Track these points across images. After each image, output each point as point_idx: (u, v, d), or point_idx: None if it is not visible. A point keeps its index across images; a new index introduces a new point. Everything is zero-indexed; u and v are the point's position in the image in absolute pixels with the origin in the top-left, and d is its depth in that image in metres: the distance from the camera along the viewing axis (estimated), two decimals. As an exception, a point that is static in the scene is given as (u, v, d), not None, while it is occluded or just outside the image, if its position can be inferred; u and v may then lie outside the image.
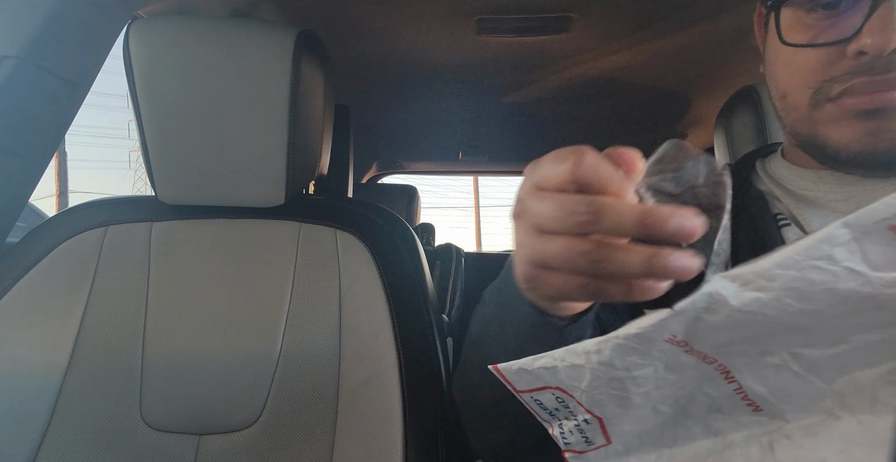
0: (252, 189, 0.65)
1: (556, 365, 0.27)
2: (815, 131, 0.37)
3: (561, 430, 0.30)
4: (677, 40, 0.99)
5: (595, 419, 0.29)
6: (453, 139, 1.75)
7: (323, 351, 0.62)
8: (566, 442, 0.31)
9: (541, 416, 0.31)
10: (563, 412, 0.30)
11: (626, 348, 0.25)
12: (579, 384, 0.27)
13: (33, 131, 0.66)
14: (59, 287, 0.64)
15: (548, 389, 0.29)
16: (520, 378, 0.29)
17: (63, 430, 0.59)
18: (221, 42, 0.61)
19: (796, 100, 0.38)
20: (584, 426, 0.29)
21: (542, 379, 0.28)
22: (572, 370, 0.27)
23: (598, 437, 0.29)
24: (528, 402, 0.30)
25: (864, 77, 0.33)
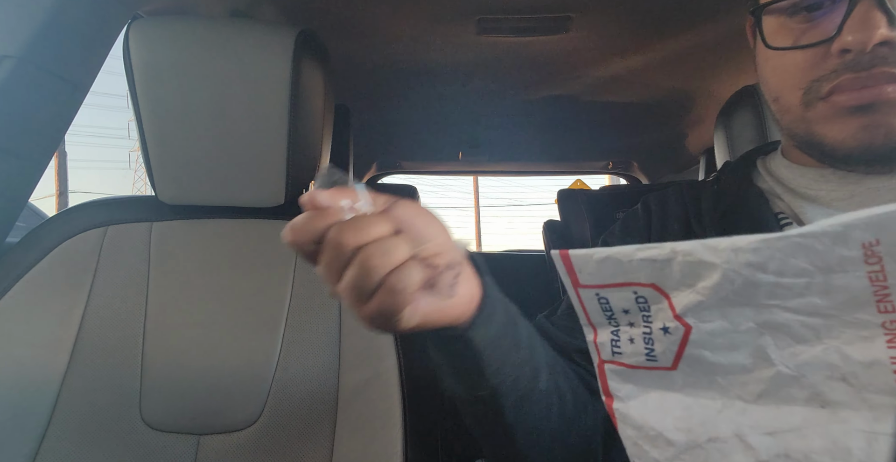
0: (252, 189, 0.65)
1: (673, 258, 0.24)
2: (811, 130, 0.37)
3: (615, 336, 0.27)
4: (677, 40, 0.99)
5: (682, 327, 0.24)
6: (453, 139, 1.75)
7: (323, 351, 0.62)
8: (616, 351, 0.27)
9: (591, 317, 0.27)
10: (632, 316, 0.26)
11: (801, 248, 0.21)
12: (693, 283, 0.23)
13: (33, 131, 0.66)
14: (58, 287, 0.64)
15: (632, 286, 0.25)
16: (598, 269, 0.25)
17: (63, 430, 0.59)
18: (221, 42, 0.61)
19: (788, 101, 0.38)
20: (657, 336, 0.25)
21: (635, 273, 0.25)
22: (693, 267, 0.23)
23: (668, 355, 0.25)
24: (585, 299, 0.27)
25: (850, 74, 0.34)
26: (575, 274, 0.26)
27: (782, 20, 0.37)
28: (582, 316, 0.28)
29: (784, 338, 0.23)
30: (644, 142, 1.73)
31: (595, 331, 0.28)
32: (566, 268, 0.26)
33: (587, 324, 0.28)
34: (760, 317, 0.23)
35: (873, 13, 0.32)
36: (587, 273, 0.26)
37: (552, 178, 4.09)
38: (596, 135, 1.68)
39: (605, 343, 0.28)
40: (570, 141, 1.75)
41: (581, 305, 0.27)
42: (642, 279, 0.25)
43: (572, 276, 0.26)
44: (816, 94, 0.36)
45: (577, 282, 0.27)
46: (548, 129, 1.63)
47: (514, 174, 2.27)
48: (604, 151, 1.88)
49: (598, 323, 0.28)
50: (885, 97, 0.33)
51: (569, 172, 2.29)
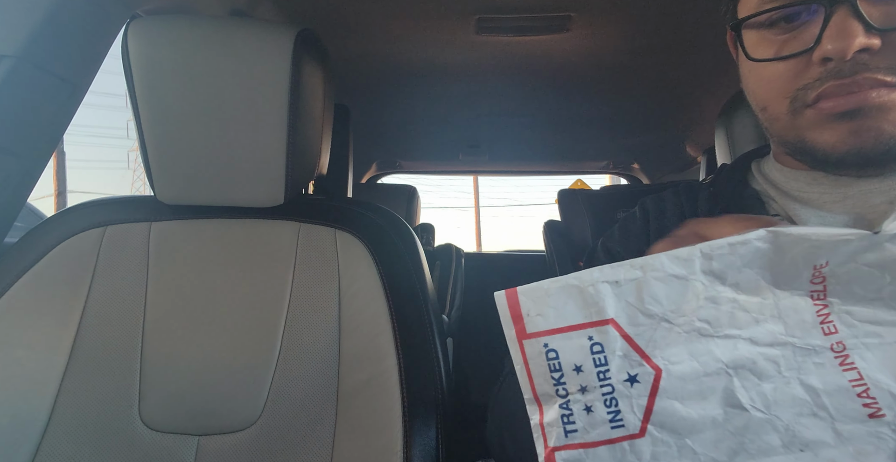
0: (251, 189, 0.65)
1: (639, 277, 0.21)
2: (802, 137, 0.38)
3: (566, 409, 0.23)
4: (677, 40, 0.99)
5: (652, 371, 0.22)
6: (453, 139, 1.75)
7: (322, 351, 0.62)
8: (569, 430, 0.23)
9: (535, 385, 0.23)
10: (585, 376, 0.22)
11: (758, 256, 0.20)
12: (656, 310, 0.21)
13: (32, 131, 0.66)
14: (57, 287, 0.63)
15: (587, 328, 0.22)
16: (552, 305, 0.22)
17: (62, 430, 0.59)
18: (221, 42, 0.61)
19: (776, 110, 0.39)
20: (621, 391, 0.22)
21: (595, 305, 0.22)
22: (660, 286, 0.21)
23: (636, 414, 0.22)
24: (530, 356, 0.23)
25: (835, 81, 0.34)
26: (521, 320, 0.22)
27: (762, 32, 0.38)
28: (526, 385, 0.23)
29: (749, 376, 0.22)
30: (644, 142, 1.73)
31: (540, 408, 0.23)
32: (510, 312, 0.23)
33: (531, 398, 0.24)
34: (726, 354, 0.22)
35: (849, 22, 0.33)
36: (536, 315, 0.22)
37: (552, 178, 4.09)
38: (596, 135, 1.68)
39: (555, 423, 0.23)
40: (570, 141, 1.75)
41: (525, 368, 0.23)
42: (601, 314, 0.22)
43: (517, 325, 0.23)
44: (803, 102, 0.36)
45: (522, 331, 0.23)
46: (548, 129, 1.63)
47: (514, 174, 2.26)
48: (604, 151, 1.88)
49: (545, 394, 0.23)
50: (871, 102, 0.33)
51: (569, 172, 2.29)
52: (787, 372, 0.21)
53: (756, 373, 0.21)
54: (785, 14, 0.36)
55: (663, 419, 0.22)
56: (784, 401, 0.21)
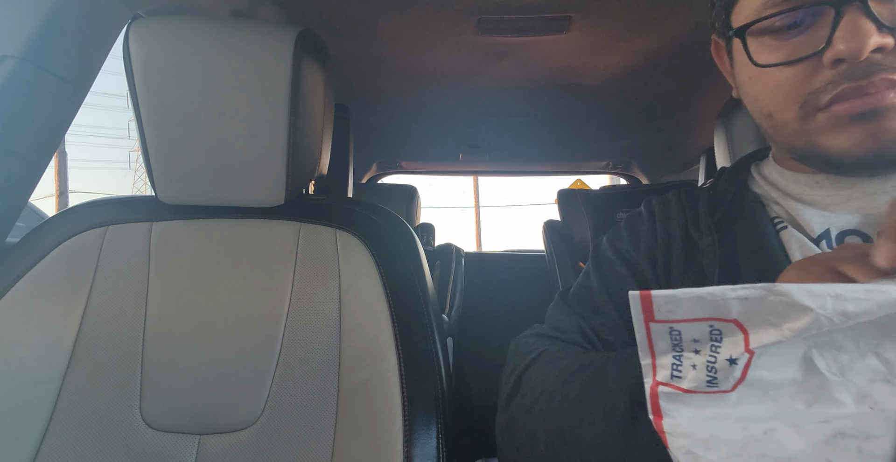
0: (252, 189, 0.65)
1: (766, 296, 0.23)
2: (813, 142, 0.37)
3: (676, 361, 0.26)
4: (677, 40, 0.99)
5: (748, 355, 0.25)
6: (453, 139, 1.75)
7: (323, 351, 0.62)
8: (675, 375, 0.27)
9: (655, 347, 0.27)
10: (700, 344, 0.26)
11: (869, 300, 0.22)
12: (779, 323, 0.23)
13: (33, 131, 0.66)
14: (59, 287, 0.64)
15: (713, 321, 0.25)
16: (682, 307, 0.25)
17: (63, 430, 0.59)
18: (221, 42, 0.61)
19: (784, 116, 0.38)
20: (721, 366, 0.25)
21: (722, 311, 0.24)
22: (785, 308, 0.23)
23: (730, 381, 0.25)
24: (655, 333, 0.26)
25: (849, 83, 0.33)
26: (651, 311, 0.26)
27: (764, 38, 0.37)
28: (644, 348, 0.27)
29: (827, 348, 0.24)
30: (644, 142, 1.73)
31: (654, 358, 0.27)
32: (643, 307, 0.26)
33: (647, 353, 0.27)
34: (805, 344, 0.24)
35: (862, 21, 0.32)
36: (666, 310, 0.25)
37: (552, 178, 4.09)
38: (596, 135, 1.68)
39: (665, 366, 0.27)
40: (570, 141, 1.75)
41: (647, 338, 0.27)
42: (727, 315, 0.25)
43: (647, 314, 0.26)
44: (814, 106, 0.35)
45: (651, 317, 0.26)
46: (548, 129, 1.63)
47: (514, 174, 2.26)
48: (604, 151, 1.88)
49: (661, 351, 0.27)
50: (889, 102, 0.33)
51: (569, 172, 2.29)
52: (864, 346, 0.23)
53: (835, 346, 0.24)
54: (791, 19, 0.35)
55: (752, 382, 0.25)
56: (859, 369, 0.23)
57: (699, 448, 0.26)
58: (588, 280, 0.51)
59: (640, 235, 0.49)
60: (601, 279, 0.49)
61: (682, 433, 0.26)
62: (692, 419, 0.26)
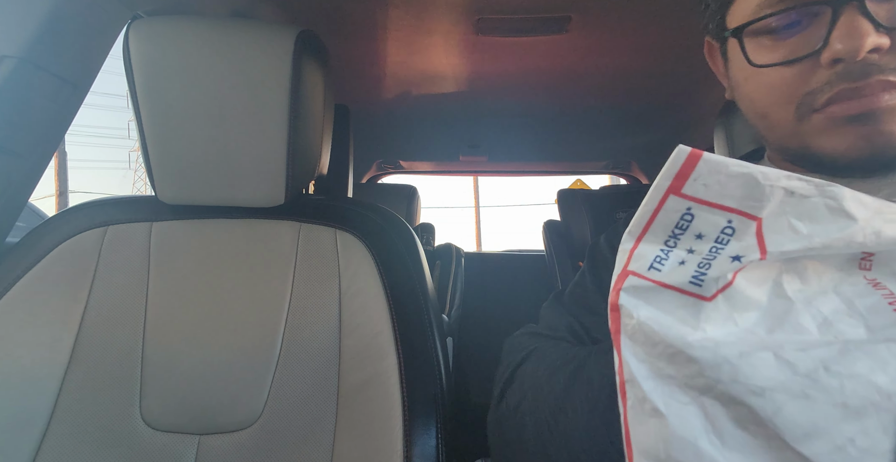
0: (252, 189, 0.65)
1: (812, 196, 0.22)
2: (806, 144, 0.36)
3: (662, 254, 0.24)
4: (677, 40, 0.99)
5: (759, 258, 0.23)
6: (453, 139, 1.75)
7: (323, 351, 0.62)
8: (654, 266, 0.24)
9: (650, 226, 0.24)
10: (701, 243, 0.24)
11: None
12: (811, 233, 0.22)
13: (33, 131, 0.66)
14: (58, 287, 0.64)
15: (734, 213, 0.23)
16: (721, 184, 0.23)
17: (63, 430, 0.59)
18: (221, 42, 0.61)
19: (779, 117, 0.37)
20: (720, 263, 0.23)
21: (759, 201, 0.23)
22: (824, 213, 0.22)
23: (717, 283, 0.24)
24: (666, 209, 0.24)
25: (846, 84, 0.33)
26: (685, 179, 0.23)
27: (759, 39, 0.37)
28: (640, 224, 0.24)
29: (795, 278, 0.24)
30: (644, 142, 1.73)
31: (637, 243, 0.25)
32: (680, 169, 0.23)
33: (636, 234, 0.25)
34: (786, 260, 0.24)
35: (859, 21, 0.32)
36: (702, 183, 0.23)
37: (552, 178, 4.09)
38: (596, 135, 1.68)
39: (644, 256, 0.24)
40: (570, 141, 1.75)
41: (653, 213, 0.24)
42: (756, 211, 0.23)
43: (677, 181, 0.23)
44: (810, 107, 0.35)
45: (678, 188, 0.23)
46: (547, 129, 1.63)
47: (514, 174, 2.26)
48: (604, 151, 1.88)
49: (654, 236, 0.24)
50: (884, 105, 0.32)
51: (569, 172, 2.29)
52: (826, 283, 0.23)
53: (801, 277, 0.23)
54: (788, 19, 0.35)
55: (733, 293, 0.24)
56: (822, 302, 0.23)
57: (661, 361, 0.23)
58: (583, 279, 0.51)
59: None
60: (596, 278, 0.50)
61: (642, 340, 0.24)
62: (654, 324, 0.23)
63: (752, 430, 0.22)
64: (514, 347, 0.49)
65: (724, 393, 0.22)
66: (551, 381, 0.38)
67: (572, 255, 1.61)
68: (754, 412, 0.22)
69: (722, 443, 0.22)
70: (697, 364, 0.23)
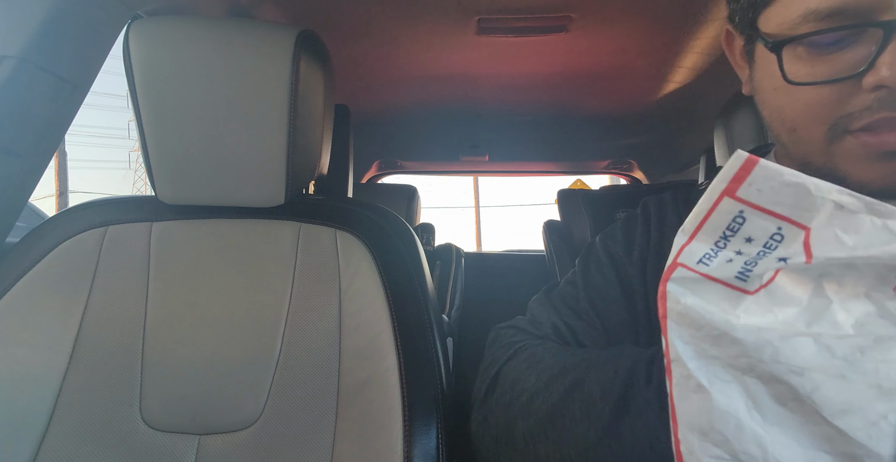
0: (252, 189, 0.65)
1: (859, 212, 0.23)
2: (834, 165, 0.34)
3: (712, 252, 0.25)
4: (676, 40, 0.99)
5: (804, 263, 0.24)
6: (453, 139, 1.75)
7: (323, 351, 0.62)
8: (702, 262, 0.25)
9: (703, 228, 0.25)
10: (750, 246, 0.25)
11: None
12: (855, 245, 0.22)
13: (33, 131, 0.66)
14: (58, 287, 0.64)
15: (784, 221, 0.24)
16: (774, 191, 0.23)
17: (63, 430, 0.59)
18: (221, 42, 0.61)
19: (811, 134, 0.35)
20: (762, 264, 0.24)
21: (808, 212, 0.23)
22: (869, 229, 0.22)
23: (761, 279, 0.25)
24: (720, 211, 0.25)
25: (887, 112, 0.31)
26: (740, 182, 0.24)
27: (798, 48, 0.34)
28: (693, 223, 0.25)
29: (834, 283, 0.24)
30: (644, 142, 1.73)
31: (690, 240, 0.26)
32: (736, 173, 0.24)
33: (689, 231, 0.26)
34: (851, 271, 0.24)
35: None
36: (756, 189, 0.24)
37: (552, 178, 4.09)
38: (596, 135, 1.68)
39: (694, 251, 0.25)
40: (570, 141, 1.75)
41: (707, 213, 0.25)
42: (806, 220, 0.23)
43: (733, 184, 0.24)
44: (844, 129, 0.33)
45: (732, 190, 0.24)
46: (548, 129, 1.63)
47: (514, 174, 2.26)
48: (604, 151, 1.88)
49: (706, 235, 0.25)
50: None
51: (569, 172, 2.29)
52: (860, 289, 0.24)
53: (841, 284, 0.24)
54: (835, 37, 0.32)
55: (775, 288, 0.25)
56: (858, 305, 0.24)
57: (706, 342, 0.25)
58: (574, 278, 0.51)
59: (635, 241, 0.48)
60: (586, 281, 0.50)
61: (688, 323, 0.25)
62: (701, 309, 0.25)
63: (791, 407, 0.23)
64: (499, 341, 0.49)
65: (766, 372, 0.23)
66: (547, 391, 0.38)
67: (572, 255, 1.61)
68: (794, 390, 0.23)
69: (763, 417, 0.24)
70: (741, 345, 0.24)
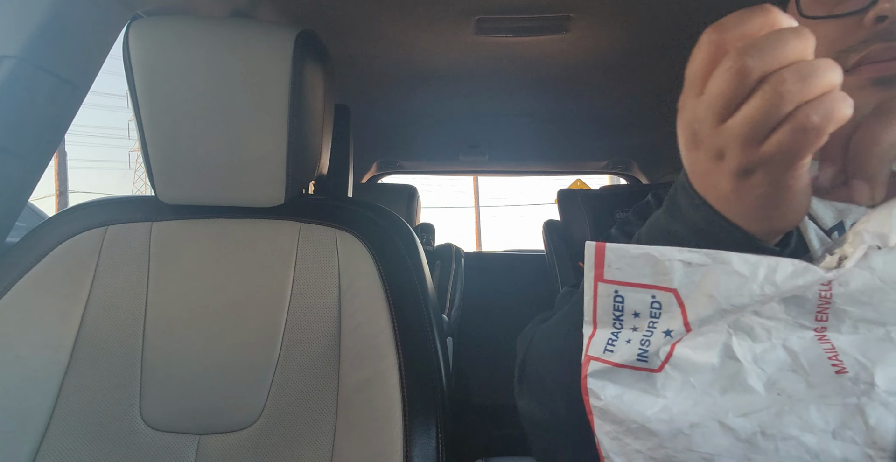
0: (252, 189, 0.65)
1: (708, 264, 0.24)
2: None
3: (613, 337, 0.27)
4: (676, 40, 0.99)
5: (685, 332, 0.26)
6: (453, 139, 1.75)
7: (323, 350, 0.62)
8: (608, 348, 0.27)
9: (598, 314, 0.28)
10: (640, 320, 0.27)
11: (794, 273, 0.23)
12: (714, 294, 0.24)
13: (33, 131, 0.66)
14: (59, 287, 0.64)
15: (654, 289, 0.26)
16: (630, 265, 0.26)
17: (63, 430, 0.59)
18: (221, 42, 0.61)
19: None
20: (656, 339, 0.26)
21: (665, 275, 0.25)
22: (724, 277, 0.24)
23: (659, 356, 0.26)
24: (601, 295, 0.27)
25: (881, 43, 0.32)
26: (602, 267, 0.26)
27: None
28: (589, 312, 0.28)
29: (745, 337, 0.26)
30: (644, 142, 1.73)
31: (595, 329, 0.28)
32: (595, 260, 0.26)
33: (590, 321, 0.28)
34: (732, 319, 0.26)
35: None
36: (616, 268, 0.26)
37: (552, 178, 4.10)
38: (596, 135, 1.68)
39: (600, 341, 0.28)
40: (570, 141, 1.75)
41: (593, 301, 0.27)
42: (668, 283, 0.25)
43: (598, 270, 0.27)
44: (843, 66, 0.33)
45: (600, 276, 0.27)
46: (548, 129, 1.63)
47: (514, 174, 2.26)
48: (604, 151, 1.88)
49: (602, 322, 0.28)
50: None
51: (569, 172, 2.29)
52: (775, 339, 0.26)
53: (751, 335, 0.26)
54: None
55: (677, 362, 0.26)
56: (770, 359, 0.26)
57: (627, 437, 0.27)
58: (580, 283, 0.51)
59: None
60: None
61: (609, 419, 0.27)
62: (618, 400, 0.27)
63: None
64: (525, 335, 0.50)
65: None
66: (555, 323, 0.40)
67: (572, 255, 1.61)
68: None
69: None
70: (658, 436, 0.26)
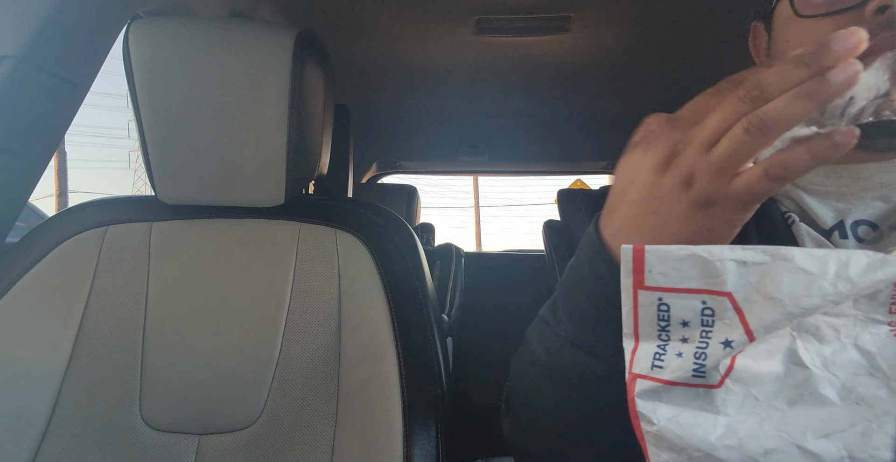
0: (252, 189, 0.65)
1: (766, 262, 0.22)
2: None
3: (660, 350, 0.24)
4: (677, 40, 0.99)
5: (748, 342, 0.23)
6: (453, 139, 1.75)
7: (323, 350, 0.62)
8: (656, 365, 0.24)
9: (640, 326, 0.25)
10: (690, 330, 0.24)
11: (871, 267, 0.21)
12: (777, 295, 0.22)
13: (33, 131, 0.66)
14: (58, 287, 0.64)
15: (705, 294, 0.23)
16: (674, 269, 0.23)
17: (63, 430, 0.59)
18: (221, 42, 0.61)
19: None
20: (714, 351, 0.23)
21: (717, 277, 0.22)
22: (787, 276, 0.22)
23: (719, 370, 0.23)
24: (642, 304, 0.24)
25: (885, 32, 0.31)
26: (642, 273, 0.23)
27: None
28: (629, 324, 0.25)
29: (811, 339, 0.23)
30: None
31: (637, 343, 0.25)
32: (634, 265, 0.24)
33: (631, 334, 0.25)
34: (797, 321, 0.23)
35: None
36: (658, 273, 0.23)
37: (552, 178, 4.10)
38: (596, 135, 1.68)
39: (645, 357, 0.24)
40: (570, 141, 1.75)
41: (633, 311, 0.24)
42: (720, 286, 0.23)
43: (637, 276, 0.24)
44: None
45: (640, 282, 0.24)
46: (547, 129, 1.63)
47: (514, 174, 2.26)
48: (604, 151, 1.88)
49: (646, 334, 0.25)
50: None
51: (568, 172, 2.29)
52: (844, 338, 0.23)
53: (817, 337, 0.23)
54: None
55: (739, 375, 0.23)
56: (841, 361, 0.23)
57: None
58: None
59: None
60: None
61: (667, 446, 0.24)
62: (673, 423, 0.23)
63: None
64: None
65: None
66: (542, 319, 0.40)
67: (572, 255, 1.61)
68: None
69: None
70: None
